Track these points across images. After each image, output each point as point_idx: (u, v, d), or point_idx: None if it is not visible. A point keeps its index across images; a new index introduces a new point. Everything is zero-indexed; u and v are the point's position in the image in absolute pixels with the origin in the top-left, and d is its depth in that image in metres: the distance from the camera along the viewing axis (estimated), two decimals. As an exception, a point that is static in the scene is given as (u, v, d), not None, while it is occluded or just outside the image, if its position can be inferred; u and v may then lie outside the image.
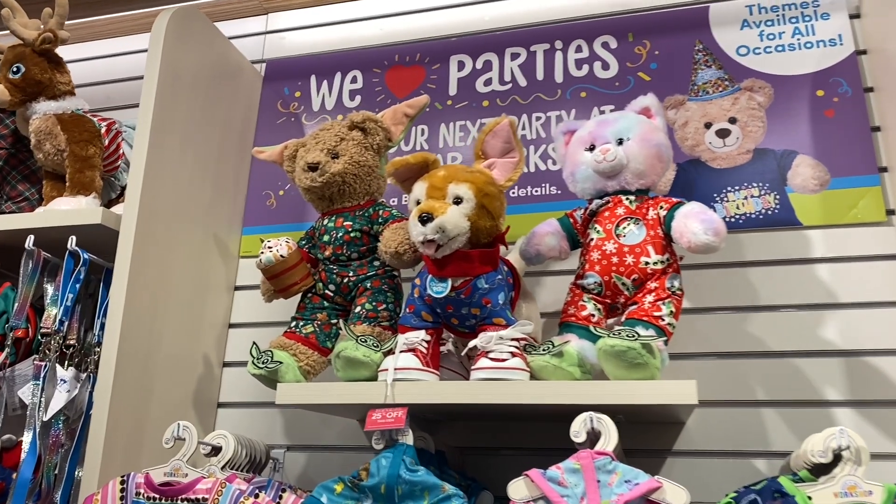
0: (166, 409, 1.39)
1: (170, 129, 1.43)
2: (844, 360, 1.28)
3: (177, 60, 1.46)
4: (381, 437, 1.09)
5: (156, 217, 1.38)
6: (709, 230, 1.06)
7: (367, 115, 1.29)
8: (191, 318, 1.49)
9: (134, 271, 1.31)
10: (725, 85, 1.48)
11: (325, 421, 1.49)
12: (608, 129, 1.20)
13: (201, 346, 1.53)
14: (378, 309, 1.23)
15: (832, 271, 1.33)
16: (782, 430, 1.27)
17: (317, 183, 1.26)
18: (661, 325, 1.09)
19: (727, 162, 1.43)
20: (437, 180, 1.11)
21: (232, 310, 1.64)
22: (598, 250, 1.16)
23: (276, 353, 1.21)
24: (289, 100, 1.77)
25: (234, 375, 1.59)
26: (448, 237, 1.07)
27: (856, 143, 1.38)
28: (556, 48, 1.62)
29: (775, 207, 1.38)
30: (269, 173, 1.71)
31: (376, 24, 1.79)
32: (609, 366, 1.04)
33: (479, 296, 1.12)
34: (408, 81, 1.69)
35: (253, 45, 1.82)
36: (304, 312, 1.29)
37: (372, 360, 1.13)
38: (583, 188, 1.22)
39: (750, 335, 1.34)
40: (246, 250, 1.68)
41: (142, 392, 1.33)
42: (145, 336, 1.34)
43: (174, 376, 1.43)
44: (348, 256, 1.27)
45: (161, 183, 1.40)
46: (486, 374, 1.07)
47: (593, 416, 1.00)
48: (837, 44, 1.45)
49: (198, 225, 1.53)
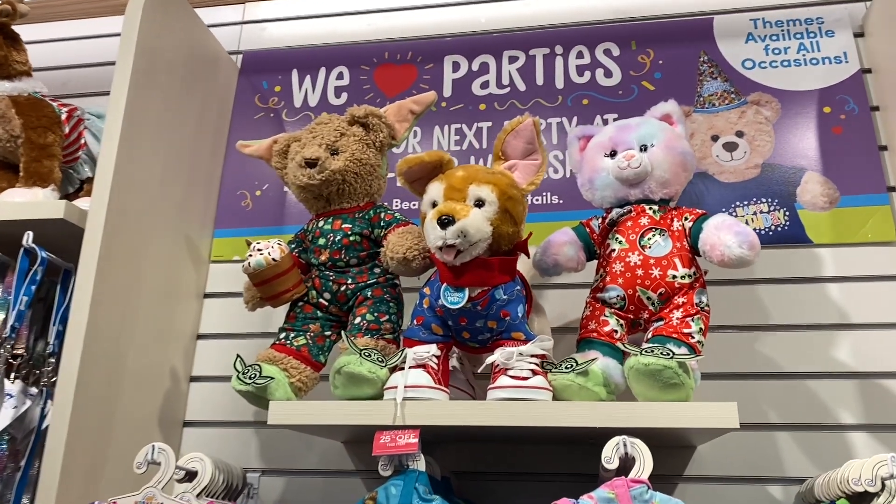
0: (130, 429, 1.25)
1: (143, 120, 1.29)
2: (858, 382, 1.24)
3: (152, 46, 1.33)
4: (388, 462, 0.98)
5: (126, 215, 1.24)
6: (744, 243, 1.00)
7: (370, 109, 1.19)
8: (158, 327, 1.34)
9: (101, 274, 1.16)
10: (732, 98, 1.45)
11: (306, 442, 1.37)
12: (631, 135, 1.13)
13: (168, 359, 1.38)
14: (381, 320, 1.12)
15: (844, 291, 1.30)
16: (797, 454, 1.22)
17: (315, 181, 1.14)
18: (691, 342, 1.02)
19: (735, 176, 1.39)
20: (456, 181, 1.02)
21: (201, 319, 1.50)
22: (620, 262, 1.08)
23: (264, 367, 1.09)
24: (268, 94, 1.65)
25: (201, 391, 1.45)
26: (469, 242, 0.97)
27: (864, 162, 1.36)
28: (557, 53, 1.56)
29: (785, 224, 1.34)
30: (246, 171, 1.59)
31: (364, 19, 1.69)
32: (641, 386, 0.97)
33: (496, 308, 1.03)
34: (399, 80, 1.60)
35: (229, 35, 1.69)
36: (294, 323, 1.17)
37: (378, 376, 1.02)
38: (602, 196, 1.15)
39: (761, 355, 1.29)
40: (217, 254, 1.54)
41: (105, 409, 1.18)
42: (111, 347, 1.20)
43: (140, 392, 1.28)
44: (346, 262, 1.16)
45: (132, 178, 1.26)
46: (507, 394, 0.98)
47: (626, 440, 0.92)
48: (843, 61, 1.43)
49: (168, 225, 1.39)
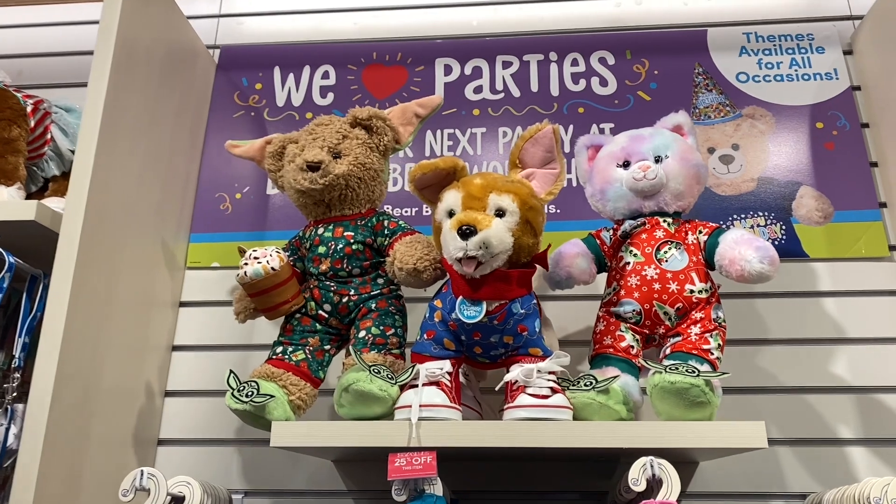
0: (105, 449, 1.15)
1: (122, 116, 1.20)
2: (856, 396, 1.25)
3: (133, 36, 1.23)
4: (402, 487, 0.92)
5: (104, 218, 1.14)
6: (764, 258, 0.99)
7: (374, 111, 1.13)
8: (133, 338, 1.25)
9: (77, 282, 1.06)
10: (727, 110, 1.45)
11: (292, 461, 1.29)
12: (644, 146, 1.11)
13: (143, 373, 1.28)
14: (387, 334, 1.06)
15: (840, 305, 1.31)
16: (798, 469, 1.22)
17: (317, 185, 1.08)
18: (710, 359, 1.00)
19: (732, 189, 1.39)
20: (475, 189, 0.97)
21: (176, 329, 1.40)
22: (636, 275, 1.06)
23: (262, 384, 1.02)
24: (248, 92, 1.56)
25: (177, 407, 1.35)
26: (491, 254, 0.93)
27: (856, 178, 1.37)
28: (551, 60, 1.53)
29: (782, 238, 1.34)
30: (225, 173, 1.50)
31: (349, 17, 1.63)
32: (665, 405, 0.94)
33: (514, 322, 0.98)
34: (388, 82, 1.54)
35: (204, 28, 1.60)
36: (292, 336, 1.10)
37: (389, 394, 0.96)
38: (614, 207, 1.12)
39: (760, 369, 1.28)
40: (194, 260, 1.44)
41: (80, 428, 1.08)
42: (87, 360, 1.10)
43: (114, 409, 1.18)
44: (349, 272, 1.09)
45: (111, 178, 1.16)
46: (528, 413, 0.94)
47: (654, 461, 0.89)
48: (833, 78, 1.45)
49: (145, 229, 1.29)
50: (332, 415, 1.29)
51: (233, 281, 1.43)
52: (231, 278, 1.43)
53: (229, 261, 1.43)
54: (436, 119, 1.49)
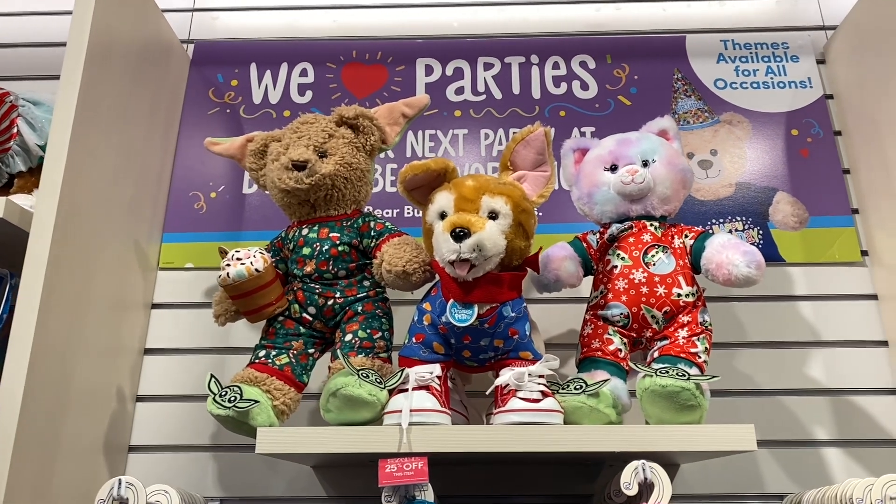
0: (75, 457, 1.10)
1: (95, 110, 1.15)
2: (831, 398, 1.28)
3: (107, 28, 1.19)
4: (393, 493, 0.90)
5: (75, 216, 1.10)
6: (751, 263, 1.00)
7: (361, 111, 1.11)
8: (105, 342, 1.20)
9: (49, 283, 1.02)
10: (705, 116, 1.47)
11: (270, 467, 1.26)
12: (632, 150, 1.11)
13: (114, 377, 1.24)
14: (374, 338, 1.04)
15: (815, 309, 1.33)
16: (775, 470, 1.24)
17: (303, 185, 1.05)
18: (698, 362, 1.01)
19: (710, 194, 1.41)
20: (467, 191, 0.96)
21: (148, 332, 1.36)
22: (624, 279, 1.06)
23: (245, 389, 0.98)
24: (223, 88, 1.52)
25: (148, 412, 1.31)
26: (484, 257, 0.92)
27: (830, 184, 1.40)
28: (532, 62, 1.52)
29: (759, 242, 1.36)
30: (199, 171, 1.46)
31: (328, 14, 1.60)
32: (655, 408, 0.94)
33: (504, 325, 0.97)
34: (368, 81, 1.52)
35: (178, 22, 1.55)
36: (275, 339, 1.07)
37: (378, 399, 0.94)
38: (601, 211, 1.12)
39: (738, 372, 1.30)
40: (167, 261, 1.40)
41: (50, 435, 1.04)
42: (57, 364, 1.05)
43: (84, 415, 1.14)
44: (334, 274, 1.07)
45: (83, 175, 1.12)
46: (520, 417, 0.93)
47: (646, 465, 0.89)
48: (808, 86, 1.48)
49: (118, 228, 1.24)
50: (313, 419, 1.27)
51: (207, 282, 1.39)
52: (205, 279, 1.39)
53: (204, 261, 1.39)
54: (417, 120, 1.46)
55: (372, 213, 1.14)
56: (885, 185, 1.30)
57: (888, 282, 1.30)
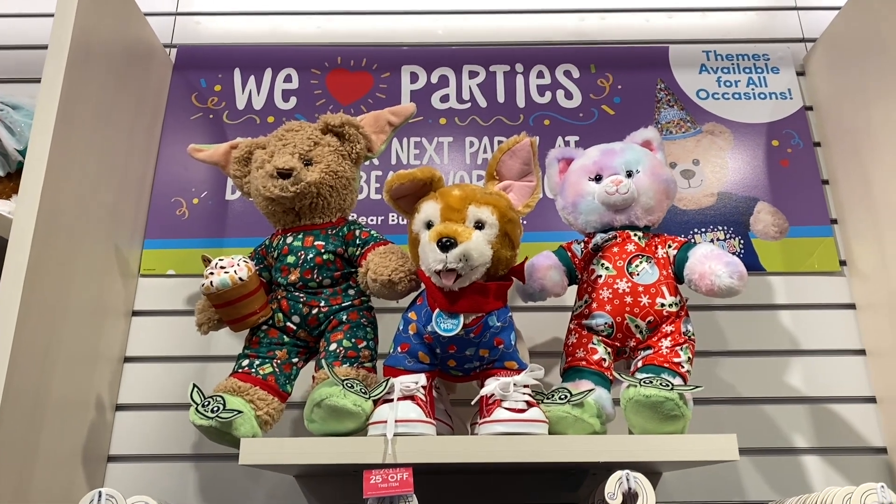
0: (53, 466, 1.09)
1: (77, 114, 1.14)
2: (810, 406, 1.29)
3: (89, 31, 1.17)
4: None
5: (56, 222, 1.08)
6: (734, 273, 1.01)
7: (346, 118, 1.11)
8: (84, 350, 1.18)
9: (28, 290, 1.00)
10: (688, 126, 1.48)
11: (252, 477, 1.25)
12: (616, 160, 1.12)
13: (95, 385, 1.22)
14: (359, 347, 1.04)
15: (795, 318, 1.35)
16: (755, 478, 1.25)
17: (288, 193, 1.05)
18: (682, 372, 1.02)
19: (693, 203, 1.42)
20: (454, 200, 0.96)
21: (128, 340, 1.34)
22: (608, 289, 1.06)
23: (228, 398, 0.98)
24: (206, 94, 1.51)
25: (128, 421, 1.29)
26: (471, 267, 0.92)
27: (809, 194, 1.42)
28: (517, 71, 1.53)
29: (740, 252, 1.38)
30: (181, 177, 1.44)
31: (312, 20, 1.59)
32: (639, 418, 0.94)
33: (490, 335, 0.98)
34: (353, 88, 1.51)
35: (161, 26, 1.54)
36: (258, 349, 1.06)
37: (363, 409, 0.93)
38: (586, 220, 1.13)
39: (719, 380, 1.31)
40: (148, 267, 1.38)
41: (27, 444, 1.02)
42: (36, 372, 1.03)
43: (63, 424, 1.12)
44: (319, 283, 1.06)
45: (64, 180, 1.10)
46: (505, 428, 0.93)
47: (630, 475, 0.89)
48: (788, 97, 1.50)
49: (98, 235, 1.23)
50: (295, 429, 1.26)
51: (189, 289, 1.37)
52: (187, 286, 1.38)
53: (185, 268, 1.38)
54: (402, 127, 1.47)
55: (357, 220, 1.14)
56: (863, 196, 1.33)
57: (866, 291, 1.32)
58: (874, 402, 1.29)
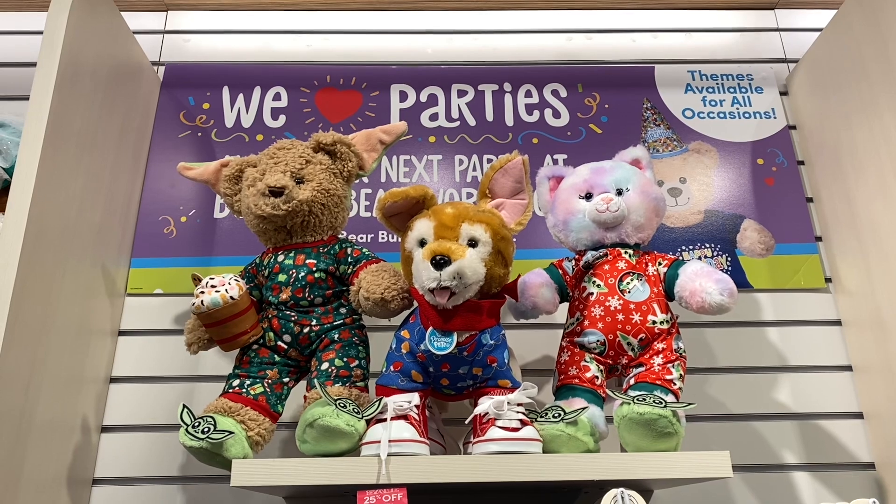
0: (37, 490, 1.06)
1: (65, 132, 1.13)
2: (798, 423, 1.30)
3: (78, 49, 1.17)
4: (371, 525, 0.89)
5: (43, 241, 1.07)
6: (724, 290, 1.02)
7: (338, 137, 1.11)
8: (70, 370, 1.16)
9: (15, 309, 0.99)
10: (675, 145, 1.50)
11: (241, 499, 1.23)
12: (606, 178, 1.13)
13: (80, 406, 1.20)
14: (351, 366, 1.03)
15: (782, 335, 1.36)
16: (747, 495, 1.26)
17: (280, 211, 1.04)
18: (674, 389, 1.02)
19: (680, 221, 1.43)
20: (447, 218, 0.96)
21: (114, 360, 1.32)
22: (600, 306, 1.07)
23: (219, 419, 0.96)
24: (194, 111, 1.51)
25: (114, 443, 1.27)
26: (465, 285, 0.92)
27: (794, 212, 1.44)
28: (506, 90, 1.54)
29: (727, 269, 1.39)
30: (169, 195, 1.43)
31: (302, 39, 1.60)
32: (633, 435, 0.94)
33: (483, 353, 0.97)
34: (342, 106, 1.52)
35: (149, 44, 1.53)
36: (249, 368, 1.05)
37: (356, 429, 0.92)
38: (577, 238, 1.13)
39: (708, 397, 1.32)
40: (135, 286, 1.37)
41: (11, 468, 1.00)
42: (20, 393, 1.02)
43: (48, 445, 1.10)
44: (310, 301, 1.06)
45: (52, 199, 1.09)
46: (500, 447, 0.92)
47: (625, 493, 0.89)
48: (772, 117, 1.53)
49: (85, 253, 1.21)
50: (285, 449, 1.25)
51: (177, 308, 1.36)
52: (175, 305, 1.36)
53: (173, 287, 1.37)
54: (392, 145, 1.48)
55: (348, 238, 1.13)
56: (847, 215, 1.35)
57: (851, 307, 1.34)
58: (861, 417, 1.30)
